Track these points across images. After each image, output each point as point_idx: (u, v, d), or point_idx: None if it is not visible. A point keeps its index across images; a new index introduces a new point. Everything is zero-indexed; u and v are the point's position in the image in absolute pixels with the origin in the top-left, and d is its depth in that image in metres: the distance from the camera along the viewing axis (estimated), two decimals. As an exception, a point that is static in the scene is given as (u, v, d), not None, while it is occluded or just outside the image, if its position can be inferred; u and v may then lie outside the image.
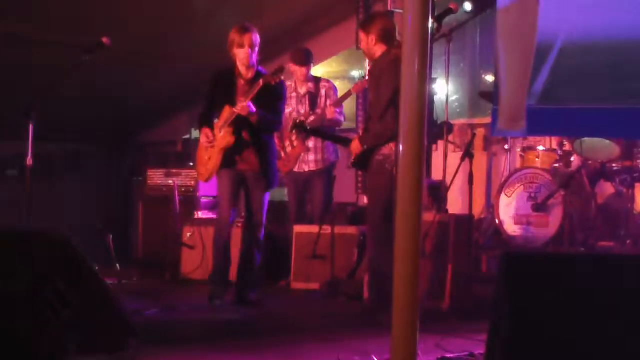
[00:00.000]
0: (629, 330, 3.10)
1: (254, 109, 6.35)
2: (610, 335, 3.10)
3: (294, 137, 7.86)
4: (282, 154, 7.90)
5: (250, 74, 6.57)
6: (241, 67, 6.57)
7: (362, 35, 6.22)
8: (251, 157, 6.53)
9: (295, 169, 7.91)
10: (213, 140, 6.52)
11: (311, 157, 7.88)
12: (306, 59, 7.89)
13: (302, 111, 7.88)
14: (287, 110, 7.94)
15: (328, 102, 7.82)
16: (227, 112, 6.48)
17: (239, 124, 6.46)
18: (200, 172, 6.76)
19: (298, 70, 7.91)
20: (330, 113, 7.70)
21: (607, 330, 3.10)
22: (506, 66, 7.23)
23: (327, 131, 7.64)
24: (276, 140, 7.90)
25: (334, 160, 8.00)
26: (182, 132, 10.40)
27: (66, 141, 10.15)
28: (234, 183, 6.59)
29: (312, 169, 7.89)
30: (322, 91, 7.89)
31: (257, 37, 6.56)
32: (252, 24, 6.62)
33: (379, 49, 6.09)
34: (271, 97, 6.49)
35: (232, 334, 5.64)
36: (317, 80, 8.05)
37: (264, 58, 10.55)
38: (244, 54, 6.50)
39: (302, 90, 7.94)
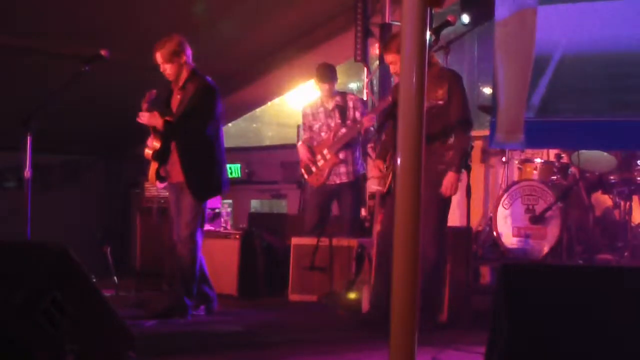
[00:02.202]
0: (627, 340, 3.10)
1: (146, 120, 6.41)
2: (608, 345, 3.10)
3: (326, 151, 7.90)
4: (314, 168, 7.96)
5: (180, 83, 6.55)
6: None
7: (394, 57, 5.94)
8: (178, 169, 6.48)
9: (328, 182, 7.98)
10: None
11: (343, 169, 7.95)
12: (330, 76, 8.00)
13: (332, 125, 7.94)
14: (317, 125, 8.04)
15: (357, 113, 7.88)
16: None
17: (166, 136, 6.48)
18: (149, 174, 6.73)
19: (322, 87, 8.03)
20: (368, 121, 7.75)
21: (606, 341, 3.10)
22: (504, 79, 7.25)
23: None
24: (307, 155, 7.95)
25: (362, 172, 8.11)
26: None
27: (65, 152, 10.15)
28: (176, 196, 6.60)
29: (343, 181, 7.96)
30: (350, 104, 7.99)
31: (168, 49, 6.45)
32: (171, 35, 6.56)
33: None
34: (192, 99, 6.47)
35: (231, 346, 5.63)
36: (343, 94, 8.16)
37: (262, 70, 10.65)
38: (163, 72, 6.51)
39: (330, 105, 8.03)
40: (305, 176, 8.07)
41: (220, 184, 6.67)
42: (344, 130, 7.89)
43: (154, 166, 6.57)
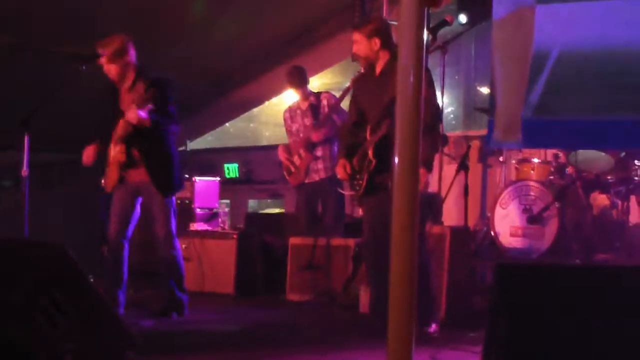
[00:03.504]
0: (623, 340, 3.11)
1: (143, 115, 6.11)
2: (606, 344, 3.11)
3: (301, 150, 7.96)
4: (292, 168, 8.04)
5: (128, 83, 6.41)
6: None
7: (360, 38, 5.82)
8: (141, 167, 6.37)
9: (307, 180, 8.03)
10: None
11: (320, 165, 8.02)
12: (299, 79, 8.12)
13: (307, 124, 8.00)
14: (295, 126, 8.14)
15: (327, 110, 7.95)
16: (121, 126, 6.28)
17: (130, 139, 6.30)
18: (105, 182, 6.59)
19: (294, 91, 8.19)
20: (315, 137, 7.91)
21: (603, 341, 3.11)
22: (502, 78, 7.26)
23: None
24: (284, 155, 8.04)
25: None
26: (178, 144, 10.40)
27: (65, 152, 10.15)
28: (126, 198, 6.47)
29: (322, 177, 8.02)
30: (324, 102, 8.06)
31: (110, 50, 6.32)
32: (114, 36, 6.41)
33: (383, 55, 5.79)
34: (155, 96, 6.25)
35: (229, 345, 5.64)
36: (317, 94, 8.26)
37: (260, 70, 10.65)
38: (107, 73, 6.39)
39: (304, 105, 8.13)
40: (287, 177, 8.16)
41: (180, 178, 6.64)
42: (315, 128, 7.98)
43: (116, 172, 6.43)
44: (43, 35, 8.23)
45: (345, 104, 8.16)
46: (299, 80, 8.11)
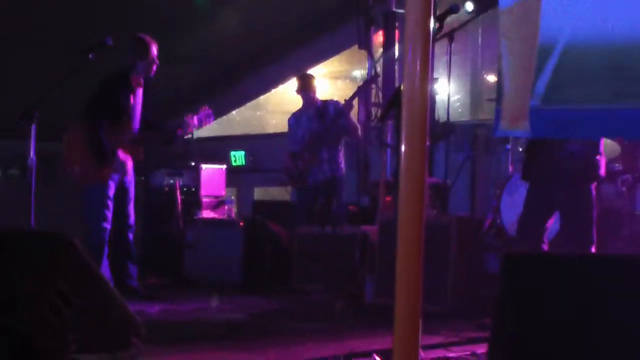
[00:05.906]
0: (631, 329, 3.10)
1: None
2: (612, 333, 3.10)
3: (306, 153, 7.98)
4: (295, 171, 8.08)
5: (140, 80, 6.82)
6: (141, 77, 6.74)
7: None
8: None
9: (310, 182, 8.08)
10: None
11: (326, 166, 8.02)
12: (305, 86, 8.25)
13: (313, 128, 8.01)
14: (300, 132, 8.26)
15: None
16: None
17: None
18: (101, 174, 6.82)
19: (301, 96, 8.29)
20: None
21: (610, 330, 3.10)
22: (509, 67, 7.21)
23: None
24: (287, 161, 8.09)
25: (342, 174, 8.15)
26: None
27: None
28: (124, 186, 6.87)
29: (328, 176, 8.03)
30: (331, 107, 8.07)
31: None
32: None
33: None
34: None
35: (235, 333, 5.65)
36: (324, 101, 8.32)
37: (267, 58, 10.64)
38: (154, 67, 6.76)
39: (311, 111, 8.20)
40: (290, 181, 8.20)
41: None
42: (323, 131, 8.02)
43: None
44: (48, 25, 8.23)
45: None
46: (306, 85, 8.22)
